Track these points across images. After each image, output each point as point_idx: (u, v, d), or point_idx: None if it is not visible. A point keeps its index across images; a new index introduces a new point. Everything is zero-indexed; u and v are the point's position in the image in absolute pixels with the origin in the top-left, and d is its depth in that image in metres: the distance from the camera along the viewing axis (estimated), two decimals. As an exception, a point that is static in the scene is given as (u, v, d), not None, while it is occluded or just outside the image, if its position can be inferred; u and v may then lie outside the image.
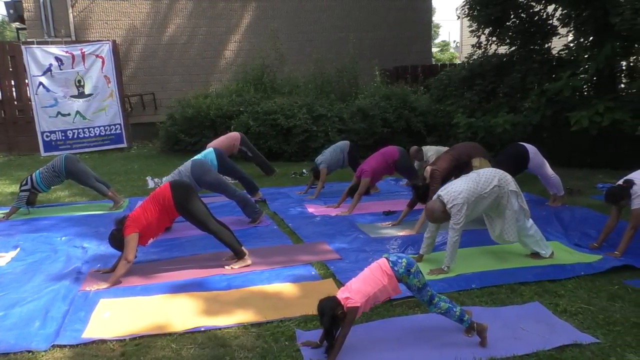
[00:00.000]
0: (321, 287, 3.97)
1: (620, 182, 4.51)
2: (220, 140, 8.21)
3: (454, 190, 4.11)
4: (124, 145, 12.27)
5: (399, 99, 10.61)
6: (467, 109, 9.32)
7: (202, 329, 3.35)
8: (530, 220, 4.40)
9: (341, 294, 2.94)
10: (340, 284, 3.82)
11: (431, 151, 7.18)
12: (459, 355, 2.90)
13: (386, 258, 3.07)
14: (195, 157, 6.36)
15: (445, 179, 5.58)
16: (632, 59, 8.73)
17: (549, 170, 6.11)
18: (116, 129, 12.20)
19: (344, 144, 7.48)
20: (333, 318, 2.84)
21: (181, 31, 13.64)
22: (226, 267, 4.41)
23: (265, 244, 5.14)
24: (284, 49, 12.35)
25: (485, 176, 4.22)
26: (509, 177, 4.30)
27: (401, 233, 5.32)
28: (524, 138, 8.57)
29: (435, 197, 4.23)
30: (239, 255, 4.46)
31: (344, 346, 2.93)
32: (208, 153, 6.59)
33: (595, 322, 3.29)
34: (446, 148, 7.18)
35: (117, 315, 3.57)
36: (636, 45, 7.99)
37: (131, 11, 13.29)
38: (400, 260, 3.02)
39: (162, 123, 11.59)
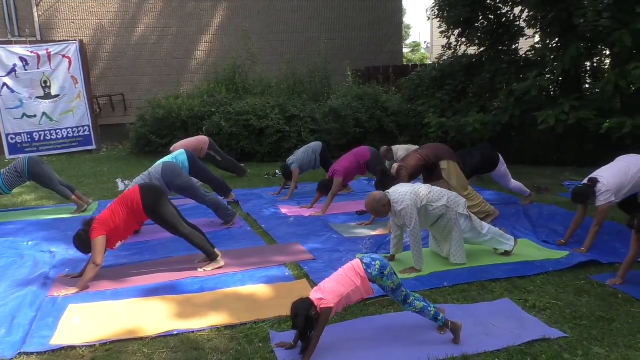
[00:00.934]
0: (295, 287, 3.97)
1: (585, 180, 4.63)
2: (189, 142, 8.13)
3: (400, 192, 4.16)
4: (93, 147, 12.02)
5: (371, 99, 10.67)
6: (438, 108, 9.43)
7: (175, 333, 3.31)
8: (484, 226, 4.45)
9: (314, 295, 2.94)
10: (314, 284, 3.82)
11: (401, 150, 7.24)
12: (432, 353, 2.93)
13: (360, 259, 3.08)
14: (166, 159, 6.28)
15: (412, 177, 5.62)
16: (595, 59, 8.98)
17: (511, 181, 6.32)
18: (84, 131, 11.94)
19: (316, 144, 7.49)
20: (307, 319, 2.84)
21: (151, 31, 13.43)
22: (199, 269, 4.36)
23: (238, 245, 5.10)
24: (256, 49, 12.29)
25: (436, 192, 4.30)
26: (461, 200, 4.37)
27: (374, 232, 5.36)
28: (494, 137, 8.76)
29: (383, 192, 4.28)
30: (211, 257, 4.42)
31: (319, 346, 2.93)
32: (179, 155, 6.49)
33: (562, 316, 3.37)
34: (416, 147, 7.27)
35: (87, 321, 3.50)
36: (599, 47, 8.23)
37: (99, 10, 13.03)
38: (374, 263, 3.02)
39: (132, 124, 11.39)
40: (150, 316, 3.54)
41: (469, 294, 3.78)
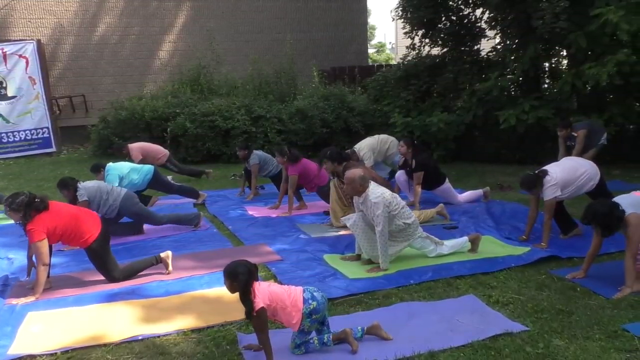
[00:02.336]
0: (263, 289, 3.95)
1: (536, 171, 4.78)
2: (149, 147, 8.10)
3: (379, 191, 4.20)
4: (53, 149, 11.70)
5: (337, 99, 10.72)
6: (403, 108, 9.56)
7: (140, 338, 3.25)
8: (444, 244, 4.50)
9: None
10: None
11: (364, 149, 7.20)
12: (399, 350, 2.96)
13: (302, 291, 3.01)
14: (132, 175, 6.20)
15: None
16: (553, 60, 9.26)
17: (458, 197, 6.39)
18: (43, 133, 11.60)
19: (277, 165, 7.22)
20: (250, 273, 2.83)
21: (112, 30, 13.15)
22: (165, 272, 4.30)
23: (204, 247, 5.05)
24: (221, 49, 12.19)
25: (407, 210, 4.38)
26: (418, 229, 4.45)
27: (342, 232, 5.38)
28: (458, 136, 8.94)
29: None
30: (157, 262, 4.34)
31: (282, 347, 2.93)
32: (148, 172, 6.37)
33: (524, 310, 3.46)
34: (376, 137, 7.29)
35: (48, 329, 3.40)
36: (556, 48, 8.49)
37: (57, 9, 12.67)
38: (311, 302, 2.95)
39: (94, 126, 11.14)
40: (114, 322, 3.47)
41: (434, 291, 3.84)
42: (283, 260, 4.55)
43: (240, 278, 2.84)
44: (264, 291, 2.91)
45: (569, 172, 4.70)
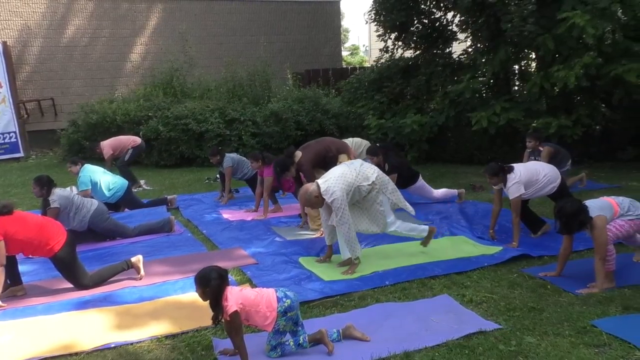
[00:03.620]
0: (238, 293, 3.92)
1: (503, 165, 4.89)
2: (119, 141, 8.05)
3: (330, 180, 4.18)
4: (21, 154, 11.42)
5: (311, 102, 10.73)
6: (377, 110, 9.62)
7: (112, 346, 3.19)
8: (393, 222, 4.49)
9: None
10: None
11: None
12: (374, 351, 2.98)
13: (275, 291, 3.01)
14: (96, 175, 6.13)
15: (314, 166, 5.60)
16: (523, 62, 9.45)
17: (433, 192, 6.48)
18: (11, 137, 11.31)
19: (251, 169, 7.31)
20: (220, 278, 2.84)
21: (82, 33, 12.91)
22: (137, 277, 4.24)
23: (178, 252, 4.99)
24: (194, 52, 12.08)
25: (365, 170, 4.34)
26: (390, 184, 4.47)
27: (316, 235, 5.38)
28: (431, 137, 9.04)
29: (315, 183, 4.29)
30: (128, 267, 4.27)
31: (257, 351, 2.93)
32: (119, 189, 6.31)
33: (497, 309, 3.51)
34: (350, 139, 7.32)
35: (16, 339, 3.31)
36: (525, 50, 8.67)
37: (23, 10, 12.38)
38: (285, 300, 2.95)
39: (64, 130, 10.92)
40: (86, 329, 3.40)
41: (409, 291, 3.87)
42: (258, 264, 4.53)
43: (213, 284, 2.82)
44: (236, 295, 2.89)
45: (531, 173, 4.81)
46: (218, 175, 7.75)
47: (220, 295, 2.83)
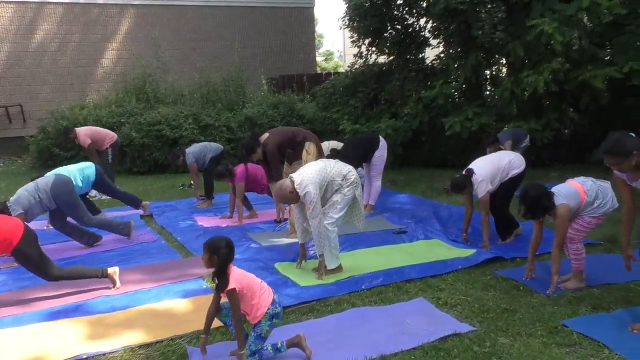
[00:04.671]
0: (213, 300, 3.89)
1: (463, 171, 4.93)
2: (98, 132, 7.94)
3: (305, 175, 4.17)
4: (-12, 162, 11.11)
5: (286, 107, 10.73)
6: (352, 115, 9.68)
7: (84, 357, 3.13)
8: (334, 223, 4.33)
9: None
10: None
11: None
12: (350, 356, 2.98)
13: (274, 292, 3.04)
14: (70, 169, 5.90)
15: (280, 148, 5.55)
16: (494, 68, 9.63)
17: (379, 179, 6.49)
18: (-23, 145, 11.00)
19: (216, 147, 7.30)
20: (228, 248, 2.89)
21: (51, 37, 12.67)
22: (111, 288, 4.16)
23: (152, 260, 4.92)
24: (166, 57, 11.98)
25: (340, 167, 4.35)
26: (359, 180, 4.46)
27: (292, 240, 5.37)
28: (406, 142, 9.13)
29: (285, 179, 4.29)
30: (103, 276, 4.19)
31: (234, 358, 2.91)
32: (87, 167, 6.13)
33: (472, 311, 3.56)
34: (326, 143, 7.33)
35: (-17, 352, 3.21)
36: (496, 56, 8.84)
37: (-10, 15, 12.10)
38: (278, 305, 2.98)
39: (33, 137, 10.67)
40: (57, 341, 3.32)
41: (385, 295, 3.89)
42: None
43: (222, 252, 2.86)
44: (239, 275, 2.91)
45: (493, 165, 4.87)
46: (192, 182, 7.69)
47: (227, 265, 2.87)
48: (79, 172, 5.92)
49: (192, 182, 7.37)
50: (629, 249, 3.41)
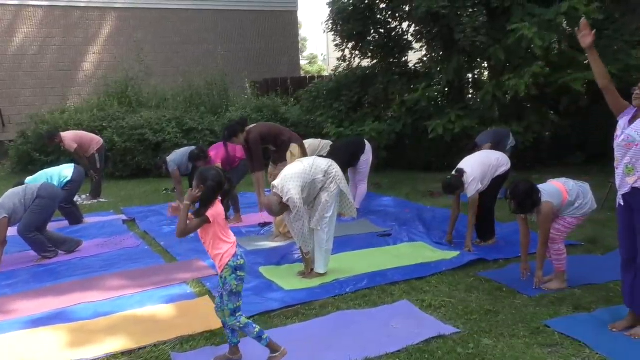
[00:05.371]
0: (197, 305, 3.87)
1: (454, 172, 4.96)
2: (84, 136, 7.87)
3: (286, 184, 4.13)
4: (-34, 167, 10.90)
5: (270, 110, 10.71)
6: (336, 119, 9.69)
7: (66, 365, 3.08)
8: (323, 233, 4.34)
9: None
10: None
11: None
12: (335, 359, 2.98)
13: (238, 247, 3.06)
14: (51, 172, 5.98)
15: (263, 139, 5.51)
16: (476, 71, 9.74)
17: (365, 183, 6.52)
18: (-45, 150, 10.80)
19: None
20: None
21: (31, 41, 12.49)
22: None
23: (135, 265, 4.86)
24: (149, 61, 11.89)
25: (318, 162, 4.36)
26: (341, 173, 4.45)
27: (278, 243, 5.36)
28: (389, 145, 9.18)
29: (271, 193, 4.25)
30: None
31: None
32: (68, 169, 6.15)
33: (456, 313, 3.58)
34: (318, 140, 7.34)
35: (-39, 361, 3.15)
36: (478, 60, 8.94)
37: (-32, 18, 11.89)
38: (240, 258, 2.96)
39: (12, 141, 10.50)
40: (39, 349, 3.26)
41: (370, 298, 3.90)
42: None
43: (210, 184, 2.83)
44: (219, 213, 2.88)
45: (482, 164, 4.91)
46: (175, 189, 7.62)
47: (211, 197, 2.85)
48: (57, 175, 5.99)
49: (174, 188, 7.29)
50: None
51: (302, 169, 4.25)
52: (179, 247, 5.32)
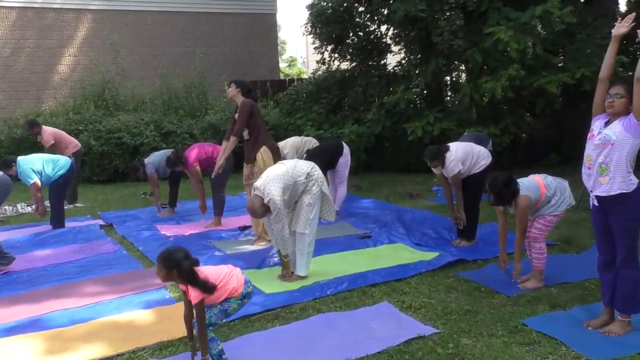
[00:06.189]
0: (176, 310, 3.80)
1: (439, 146, 5.11)
2: (62, 135, 7.72)
3: (267, 185, 4.11)
4: (-64, 172, 10.61)
5: (249, 113, 10.64)
6: (316, 121, 9.72)
7: (42, 374, 3.02)
8: (306, 236, 4.33)
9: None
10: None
11: (288, 148, 7.07)
12: (317, 362, 2.98)
13: (242, 272, 3.02)
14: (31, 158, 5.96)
15: (251, 112, 5.61)
16: (454, 74, 9.85)
17: (344, 185, 6.55)
18: None
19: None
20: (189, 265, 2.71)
21: (3, 43, 12.22)
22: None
23: (113, 270, 4.79)
24: (126, 63, 11.73)
25: (300, 165, 4.37)
26: (322, 175, 4.46)
27: (258, 247, 5.34)
28: (369, 147, 9.23)
29: (253, 194, 4.24)
30: None
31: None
32: (63, 167, 6.07)
33: (435, 313, 3.61)
34: (301, 137, 7.31)
35: None
36: (456, 62, 9.05)
37: (-63, 19, 11.60)
38: (250, 284, 2.96)
39: (-15, 145, 10.27)
40: (13, 358, 3.19)
41: (350, 300, 3.91)
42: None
43: (185, 266, 2.68)
44: (207, 273, 2.79)
45: (466, 150, 5.04)
46: (152, 193, 7.54)
47: (195, 274, 2.71)
48: (49, 163, 5.96)
49: (152, 192, 7.21)
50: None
51: (284, 171, 4.24)
52: (157, 252, 5.19)
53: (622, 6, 11.16)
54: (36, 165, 5.87)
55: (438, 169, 5.06)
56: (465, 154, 4.98)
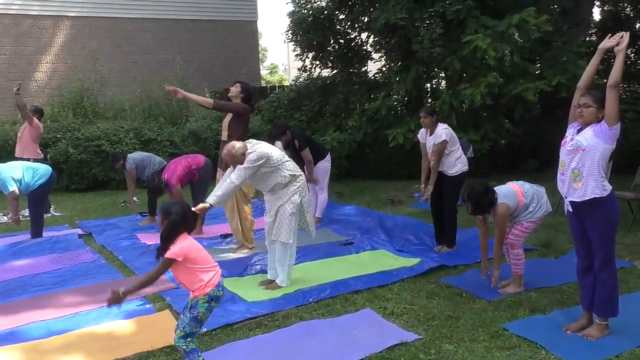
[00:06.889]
0: (157, 320, 3.78)
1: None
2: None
3: (260, 146, 4.23)
4: None
5: (231, 120, 10.61)
6: (298, 128, 9.71)
7: (18, 387, 2.95)
8: (287, 246, 4.31)
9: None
10: (177, 315, 3.66)
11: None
12: (299, 370, 2.97)
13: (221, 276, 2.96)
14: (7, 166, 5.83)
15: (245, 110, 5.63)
16: (434, 81, 9.96)
17: (325, 191, 6.53)
18: None
19: (160, 161, 6.95)
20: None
21: (-21, 50, 12.02)
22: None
23: (92, 280, 4.71)
24: (105, 70, 11.61)
25: (292, 164, 4.38)
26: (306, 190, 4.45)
27: (239, 255, 5.31)
28: (351, 154, 9.26)
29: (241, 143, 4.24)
30: None
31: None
32: (43, 175, 5.94)
33: (417, 319, 3.63)
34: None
35: None
36: (435, 70, 9.15)
37: None
38: (220, 288, 2.88)
39: (-40, 154, 10.03)
40: (-13, 372, 3.12)
41: (333, 307, 3.90)
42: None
43: (172, 218, 2.73)
44: (189, 246, 2.76)
45: (456, 137, 5.16)
46: (135, 199, 7.46)
47: (173, 233, 2.73)
48: (28, 170, 5.84)
49: (127, 186, 7.06)
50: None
51: (279, 153, 4.30)
52: (137, 261, 5.20)
53: (597, 15, 11.44)
54: (16, 174, 5.74)
55: (427, 126, 5.13)
56: (453, 139, 5.09)
